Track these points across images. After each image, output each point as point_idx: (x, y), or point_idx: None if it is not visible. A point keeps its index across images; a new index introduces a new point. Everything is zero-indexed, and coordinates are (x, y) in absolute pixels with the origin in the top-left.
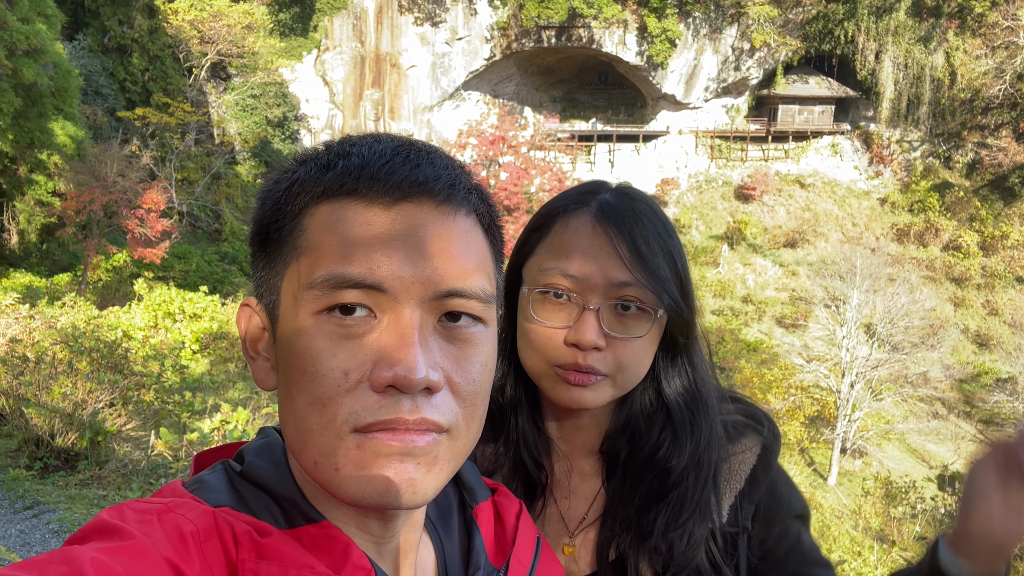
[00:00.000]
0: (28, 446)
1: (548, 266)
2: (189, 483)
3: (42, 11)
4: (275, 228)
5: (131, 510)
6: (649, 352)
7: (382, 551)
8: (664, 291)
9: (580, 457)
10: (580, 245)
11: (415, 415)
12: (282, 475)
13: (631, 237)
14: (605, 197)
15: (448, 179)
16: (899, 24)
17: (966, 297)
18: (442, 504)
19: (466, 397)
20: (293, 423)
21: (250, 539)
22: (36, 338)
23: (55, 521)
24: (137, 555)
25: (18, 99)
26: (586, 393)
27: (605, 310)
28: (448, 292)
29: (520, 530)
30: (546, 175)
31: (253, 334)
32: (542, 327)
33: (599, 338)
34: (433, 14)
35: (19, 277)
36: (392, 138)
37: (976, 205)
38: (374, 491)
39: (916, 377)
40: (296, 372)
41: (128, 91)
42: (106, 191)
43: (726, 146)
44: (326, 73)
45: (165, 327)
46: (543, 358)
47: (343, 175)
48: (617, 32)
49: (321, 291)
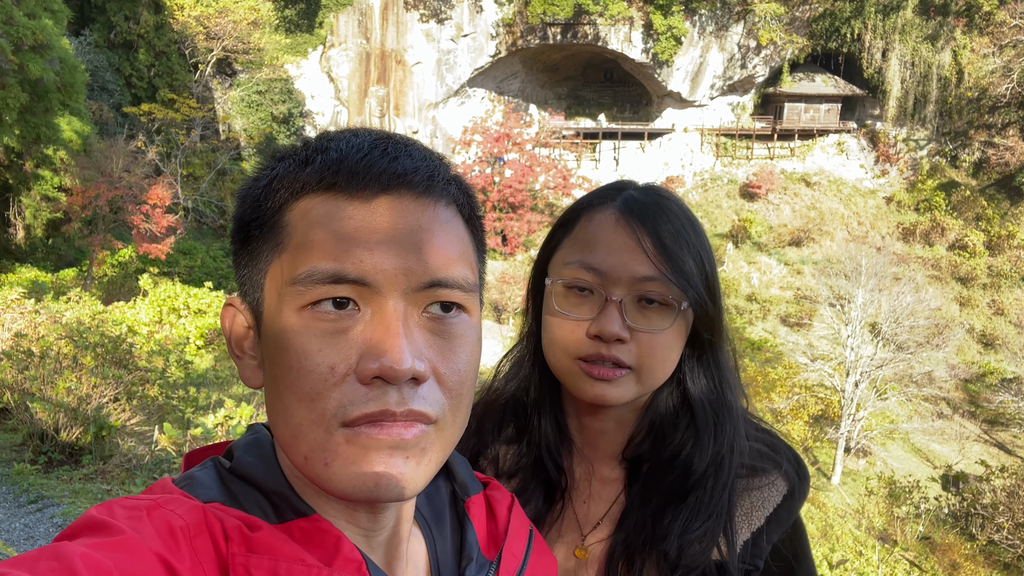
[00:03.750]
0: (33, 440)
1: (572, 259)
2: (179, 480)
3: (48, 7)
4: (256, 225)
5: (120, 507)
6: (674, 348)
7: (372, 543)
8: (688, 285)
9: (602, 462)
10: (604, 238)
11: (403, 407)
12: (271, 470)
13: (655, 231)
14: (631, 193)
15: (427, 170)
16: (906, 22)
17: (972, 297)
18: (433, 498)
19: (452, 387)
20: (282, 419)
21: (240, 534)
22: (41, 333)
23: (59, 515)
24: (127, 550)
25: (24, 94)
26: (609, 388)
27: (628, 303)
28: (431, 282)
29: (512, 523)
30: (551, 172)
31: (238, 333)
32: (565, 319)
33: (622, 330)
34: (439, 11)
35: (25, 272)
36: (370, 132)
37: (982, 204)
38: (364, 485)
39: (921, 377)
40: (283, 368)
41: (134, 87)
42: (112, 187)
43: (731, 144)
44: (331, 69)
45: (170, 323)
46: (566, 351)
47: (322, 170)
48: (623, 29)
49: (304, 287)
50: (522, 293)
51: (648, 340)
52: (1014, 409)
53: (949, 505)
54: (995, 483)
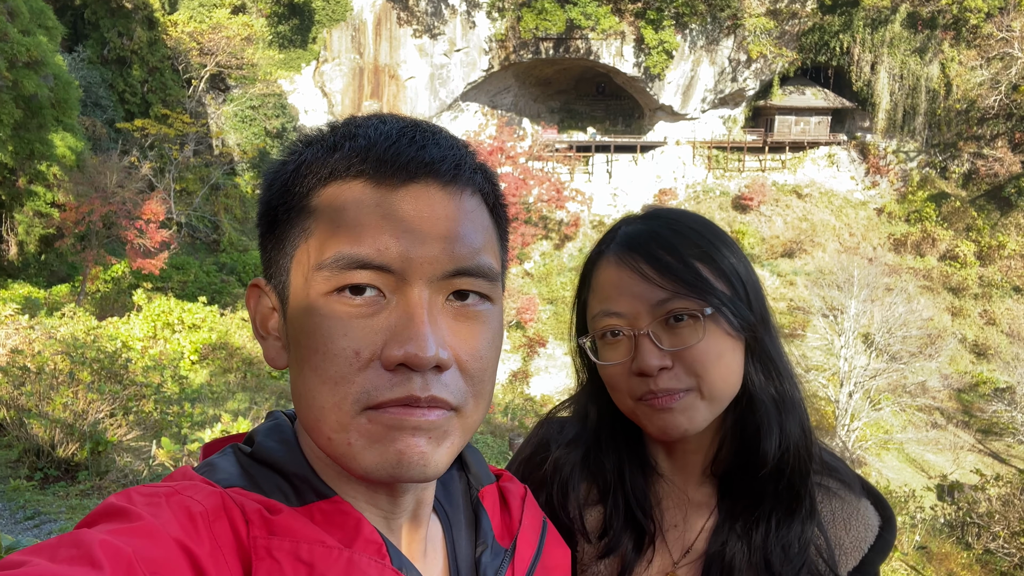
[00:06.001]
0: (29, 456)
1: (595, 312)
2: (199, 467)
3: (43, 23)
4: (283, 210)
5: (139, 494)
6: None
7: (392, 526)
8: (702, 290)
9: (692, 485)
10: (612, 282)
11: (426, 393)
12: (293, 454)
13: (650, 254)
14: (624, 229)
15: (454, 159)
16: (895, 36)
17: (963, 307)
18: (449, 486)
19: (474, 375)
20: (306, 401)
21: (261, 517)
22: (37, 349)
23: (56, 531)
24: (146, 536)
25: (18, 110)
26: (676, 415)
27: (657, 329)
28: (456, 271)
29: (526, 513)
30: (544, 185)
31: (263, 314)
32: (612, 368)
33: (660, 359)
34: (432, 26)
35: (18, 288)
36: (397, 119)
37: (972, 215)
38: (387, 463)
39: (914, 387)
40: (308, 351)
41: (127, 103)
42: (105, 202)
43: (723, 157)
44: (325, 84)
45: (164, 338)
46: (624, 395)
47: (350, 157)
48: (614, 44)
49: (331, 272)
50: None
51: (691, 356)
52: (1007, 418)
53: (945, 515)
54: (990, 492)
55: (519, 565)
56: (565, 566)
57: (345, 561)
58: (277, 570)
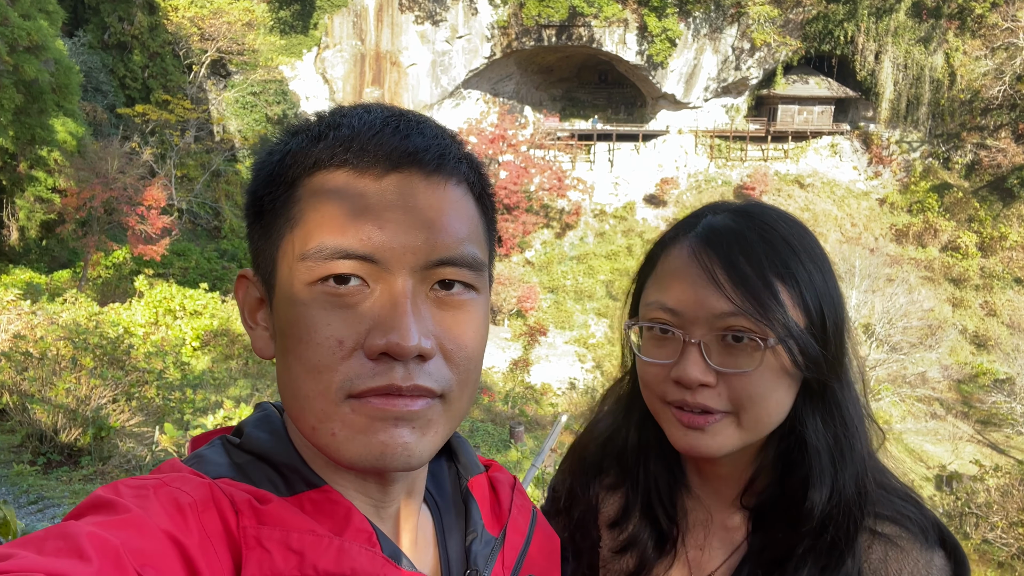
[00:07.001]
0: (32, 441)
1: (650, 300)
2: (187, 459)
3: (43, 7)
4: (269, 199)
5: (126, 486)
6: (776, 389)
7: (382, 515)
8: (773, 319)
9: (722, 508)
10: (677, 274)
11: (408, 382)
12: (282, 444)
13: (730, 260)
14: (711, 219)
15: (438, 148)
16: (899, 25)
17: (964, 298)
18: (438, 476)
19: (459, 363)
20: (291, 390)
21: (250, 507)
22: (39, 334)
23: (59, 516)
24: (134, 528)
25: (19, 95)
26: (703, 438)
27: (712, 342)
28: (440, 261)
29: (515, 502)
30: (546, 174)
31: (251, 304)
32: (651, 364)
33: (704, 374)
34: (433, 12)
35: (19, 274)
36: (382, 108)
37: (975, 206)
38: (370, 454)
39: (914, 377)
40: (292, 340)
41: (128, 88)
42: (106, 188)
43: (725, 146)
44: (326, 71)
45: (166, 324)
46: (655, 396)
47: (333, 146)
48: (617, 31)
49: (314, 262)
50: (517, 294)
51: (740, 382)
52: (1007, 409)
53: (943, 505)
54: (989, 482)
55: (509, 553)
56: (555, 554)
57: (336, 549)
58: (267, 559)
